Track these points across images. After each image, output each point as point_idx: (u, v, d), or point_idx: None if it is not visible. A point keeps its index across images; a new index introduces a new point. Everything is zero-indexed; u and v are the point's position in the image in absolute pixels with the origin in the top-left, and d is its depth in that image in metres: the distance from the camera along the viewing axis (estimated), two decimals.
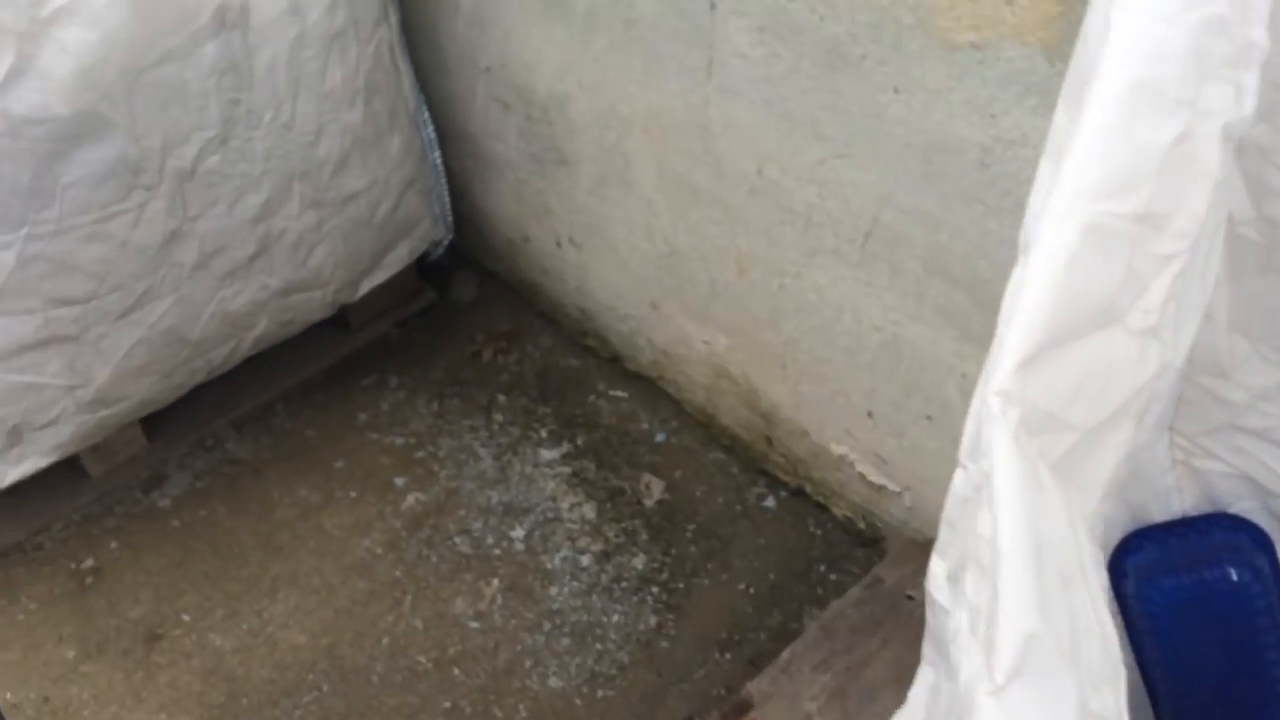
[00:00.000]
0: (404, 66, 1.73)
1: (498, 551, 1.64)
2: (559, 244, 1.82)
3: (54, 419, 1.57)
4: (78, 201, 1.42)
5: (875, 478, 1.43)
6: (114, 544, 1.69)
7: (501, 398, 1.88)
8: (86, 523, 1.72)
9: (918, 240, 1.18)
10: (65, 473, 1.70)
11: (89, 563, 1.66)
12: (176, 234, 1.51)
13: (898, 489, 1.41)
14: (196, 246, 1.54)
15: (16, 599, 1.62)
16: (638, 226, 1.60)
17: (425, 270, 2.00)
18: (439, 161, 1.85)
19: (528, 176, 1.78)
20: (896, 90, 1.10)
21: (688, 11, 1.30)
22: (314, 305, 1.74)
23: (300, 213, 1.63)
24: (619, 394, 1.86)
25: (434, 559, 1.63)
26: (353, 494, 1.73)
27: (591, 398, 1.86)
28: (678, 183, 1.48)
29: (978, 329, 1.17)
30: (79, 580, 1.64)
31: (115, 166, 1.42)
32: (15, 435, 1.56)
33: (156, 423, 1.76)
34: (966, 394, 1.22)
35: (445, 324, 2.02)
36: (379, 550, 1.65)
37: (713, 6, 1.25)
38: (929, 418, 1.28)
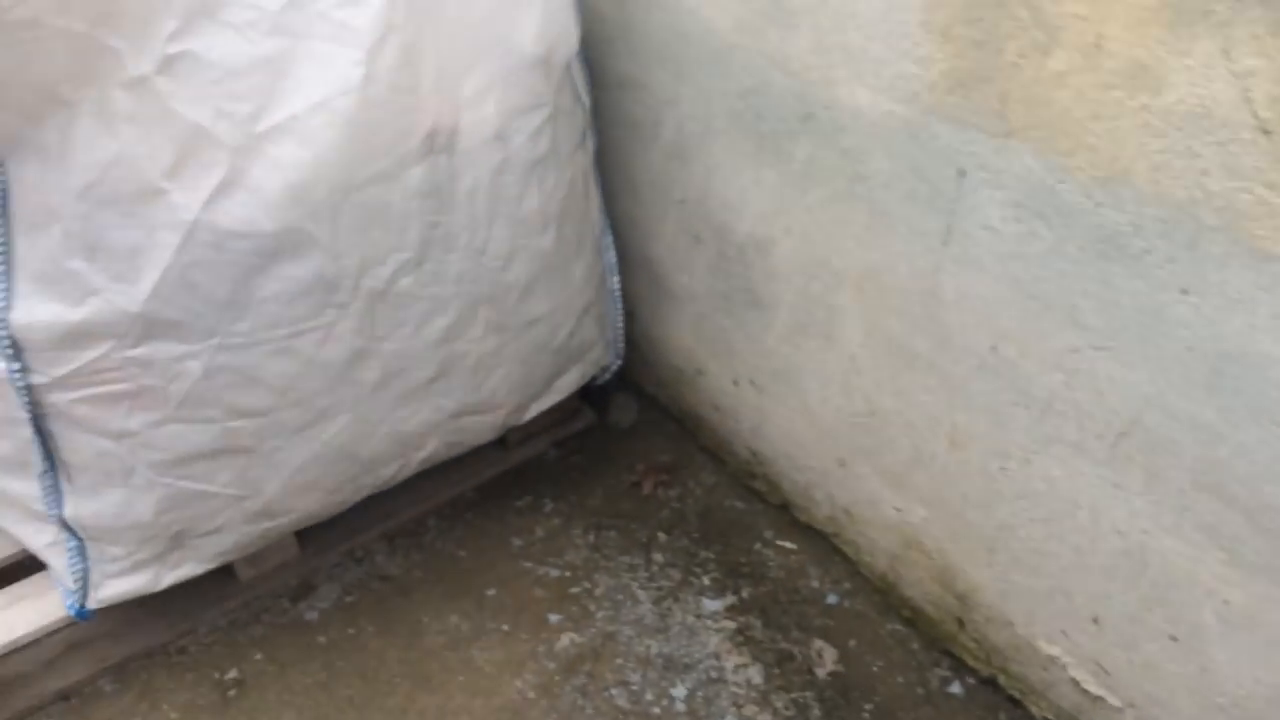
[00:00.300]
0: (594, 192, 1.69)
1: (657, 710, 1.53)
2: (736, 383, 1.74)
3: (218, 527, 1.53)
4: (271, 316, 1.38)
5: (1092, 687, 1.30)
6: (259, 655, 1.63)
7: (662, 536, 1.79)
8: (233, 629, 1.67)
9: (1186, 450, 1.06)
10: (214, 574, 1.66)
11: (233, 673, 1.61)
12: (362, 353, 1.47)
13: (1120, 704, 1.27)
14: (380, 366, 1.49)
15: (158, 705, 1.57)
16: (834, 381, 1.51)
17: (585, 391, 1.94)
18: (617, 287, 1.80)
19: (711, 312, 1.71)
20: (1184, 291, 0.99)
21: (930, 176, 1.21)
22: (483, 428, 1.69)
23: (483, 336, 1.58)
24: (787, 545, 1.75)
25: (589, 710, 1.53)
26: (505, 627, 1.65)
27: (757, 545, 1.76)
28: (890, 344, 1.38)
29: (1252, 556, 1.04)
30: (221, 692, 1.58)
31: (311, 284, 1.39)
32: (178, 540, 1.52)
33: (308, 529, 1.71)
34: (1227, 621, 1.08)
35: (603, 448, 1.95)
36: (531, 694, 1.56)
37: (961, 174, 1.17)
38: (1173, 638, 1.15)
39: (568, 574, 1.73)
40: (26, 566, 1.63)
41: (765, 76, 1.37)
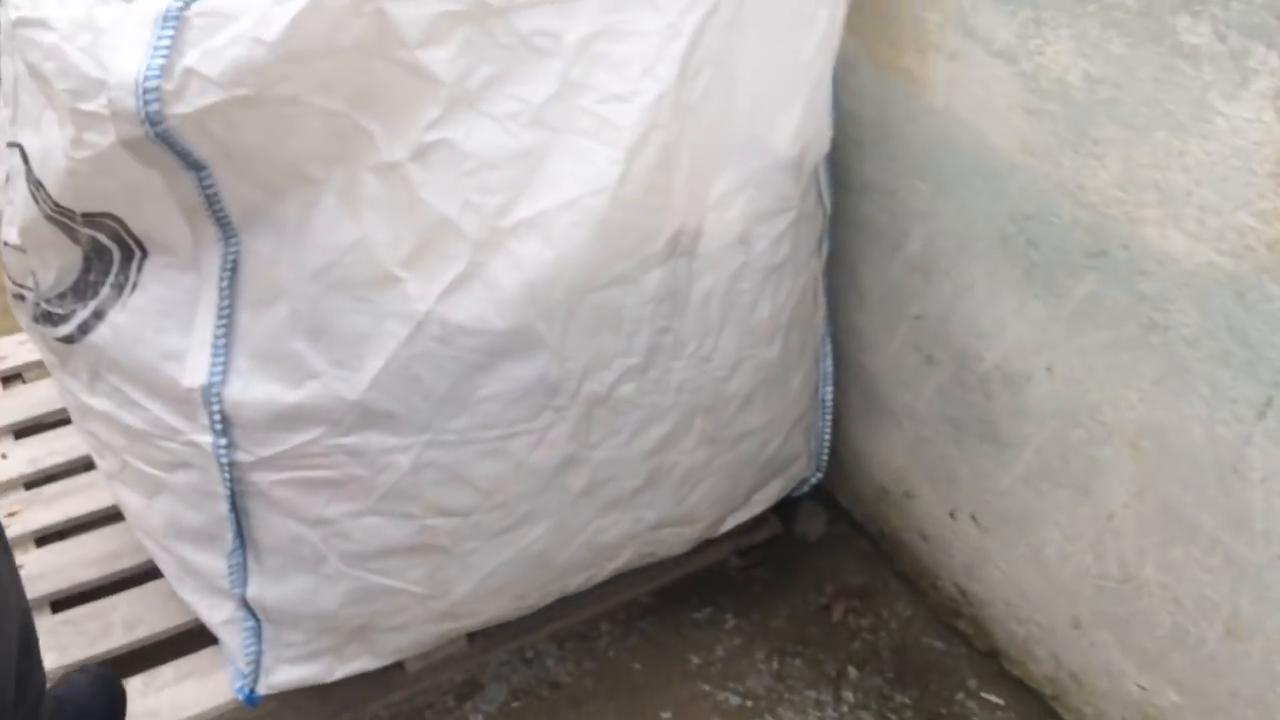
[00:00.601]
0: (821, 299, 1.58)
1: None
2: (953, 515, 1.60)
3: (400, 625, 1.45)
4: (488, 415, 1.30)
5: None
6: None
7: (853, 671, 1.65)
8: None
9: None
10: None
11: None
12: (572, 459, 1.38)
13: None
14: (588, 474, 1.40)
15: None
16: (1082, 537, 1.36)
17: None
18: (829, 398, 1.68)
19: (933, 436, 1.58)
20: None
21: (1253, 341, 1.07)
22: (679, 541, 1.58)
23: (695, 448, 1.47)
24: (994, 699, 1.60)
25: None
26: None
27: (960, 695, 1.61)
28: (1165, 512, 1.24)
29: None
30: None
31: (533, 385, 1.30)
32: (358, 633, 1.45)
33: None
34: None
35: (789, 561, 1.82)
36: None
37: None
38: None
39: (749, 703, 1.61)
40: (192, 636, 1.57)
41: (1049, 203, 1.25)
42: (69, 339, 1.38)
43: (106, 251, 1.32)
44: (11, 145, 1.29)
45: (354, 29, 1.10)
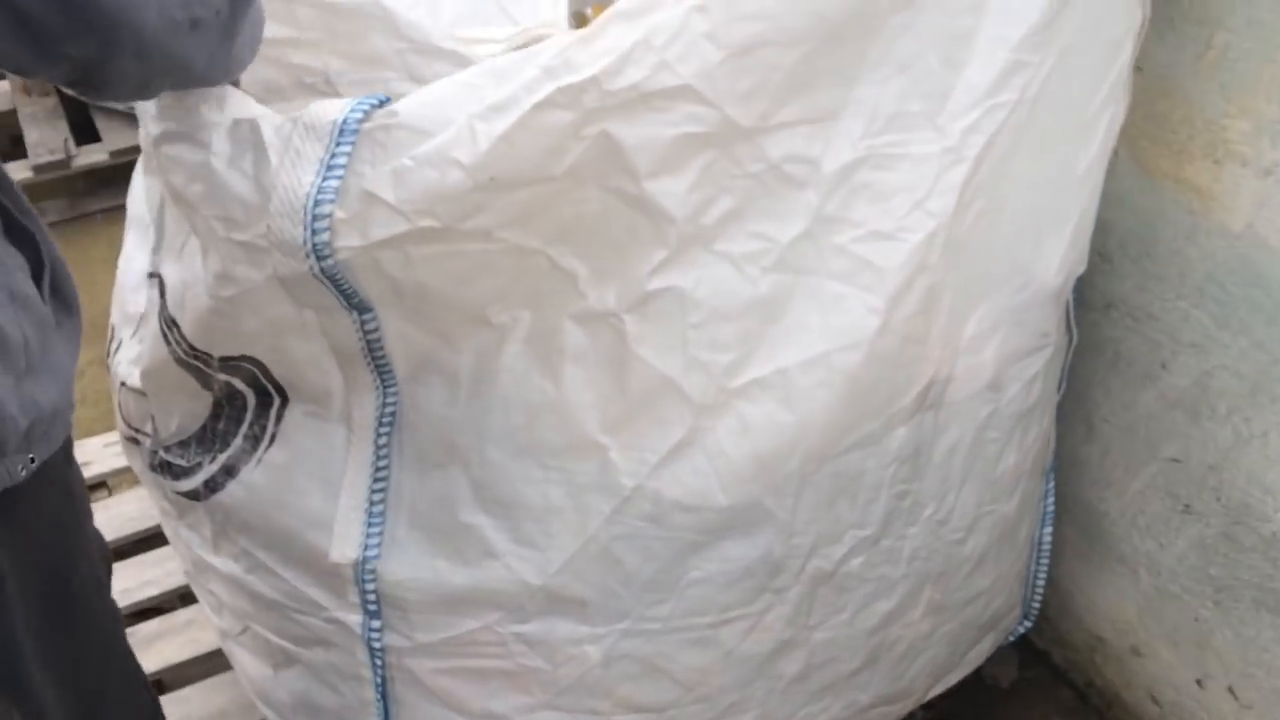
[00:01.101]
0: (1053, 436, 1.35)
1: None
2: (1201, 684, 1.37)
3: None
4: (697, 601, 1.09)
5: None
6: None
7: None
8: None
9: None
10: None
11: None
12: (788, 644, 1.16)
13: None
14: (804, 658, 1.18)
15: None
16: None
17: None
18: (1048, 540, 1.45)
19: (1183, 594, 1.35)
20: None
21: None
22: (886, 718, 1.35)
23: (920, 619, 1.25)
24: None
25: None
26: None
27: None
28: None
29: None
30: None
31: (753, 566, 1.09)
32: None
33: None
34: None
35: (979, 709, 1.59)
36: None
37: None
38: None
39: None
40: None
41: None
42: (192, 495, 1.18)
43: (240, 397, 1.11)
44: (152, 276, 1.09)
45: (571, 154, 0.88)
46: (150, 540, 1.69)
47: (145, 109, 0.93)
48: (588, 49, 0.87)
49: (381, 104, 0.86)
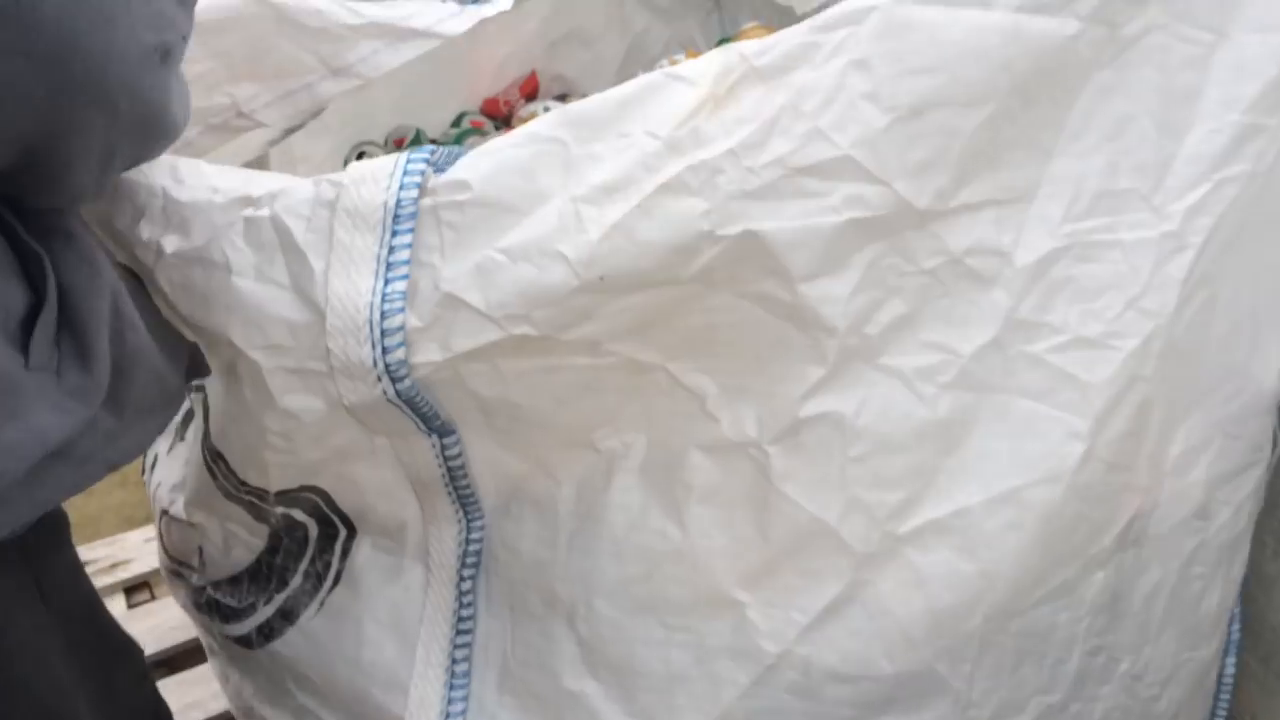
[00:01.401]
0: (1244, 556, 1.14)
1: None
2: None
3: None
4: None
5: None
6: None
7: None
8: None
9: None
10: None
11: None
12: None
13: None
14: None
15: None
16: None
17: None
18: (1231, 670, 1.23)
19: None
20: None
21: None
22: None
23: None
24: None
25: None
26: None
27: None
28: None
29: None
30: None
31: None
32: None
33: None
34: None
35: None
36: None
37: None
38: None
39: None
40: None
41: None
42: (244, 641, 1.01)
43: (301, 528, 0.94)
44: (198, 389, 0.94)
45: (705, 255, 0.71)
46: (198, 653, 1.52)
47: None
48: (718, 117, 0.70)
49: (431, 160, 0.69)
